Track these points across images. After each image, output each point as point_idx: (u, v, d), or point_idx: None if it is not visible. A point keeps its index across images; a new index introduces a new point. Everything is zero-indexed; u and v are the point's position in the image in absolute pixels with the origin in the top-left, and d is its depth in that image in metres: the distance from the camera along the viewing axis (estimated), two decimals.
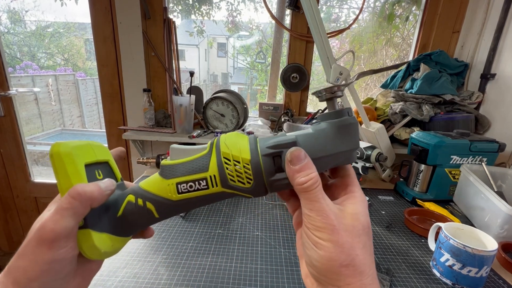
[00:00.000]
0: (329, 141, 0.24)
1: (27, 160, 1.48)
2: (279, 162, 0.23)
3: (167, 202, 0.25)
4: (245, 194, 0.24)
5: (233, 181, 0.23)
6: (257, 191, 0.24)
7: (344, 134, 0.24)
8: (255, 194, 0.24)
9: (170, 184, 0.24)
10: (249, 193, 0.24)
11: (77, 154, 0.24)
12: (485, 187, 0.75)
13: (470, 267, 0.55)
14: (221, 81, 6.00)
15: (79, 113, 4.37)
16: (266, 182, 0.23)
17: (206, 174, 0.24)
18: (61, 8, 1.96)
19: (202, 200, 0.25)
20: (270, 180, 0.23)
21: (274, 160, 0.23)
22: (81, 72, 4.67)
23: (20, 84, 3.23)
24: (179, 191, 0.24)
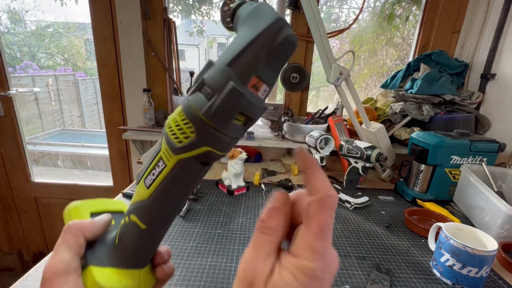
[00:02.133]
0: (241, 35, 0.18)
1: (27, 160, 1.48)
2: (204, 89, 0.19)
3: (142, 204, 0.22)
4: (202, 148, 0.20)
5: (180, 141, 0.20)
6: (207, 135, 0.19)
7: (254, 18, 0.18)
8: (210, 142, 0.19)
9: (141, 184, 0.23)
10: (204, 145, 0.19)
11: (83, 206, 0.25)
12: (485, 187, 0.75)
13: (470, 267, 0.55)
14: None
15: (79, 113, 4.37)
16: (204, 117, 0.18)
17: (160, 153, 0.21)
18: (61, 8, 1.96)
19: (172, 185, 0.21)
20: (205, 111, 0.18)
21: (202, 92, 0.19)
22: (81, 72, 4.67)
23: (20, 84, 3.23)
24: (146, 185, 0.22)
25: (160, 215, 0.23)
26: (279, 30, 0.17)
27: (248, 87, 0.18)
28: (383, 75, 1.67)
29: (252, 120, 0.20)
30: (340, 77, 0.97)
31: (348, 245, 0.69)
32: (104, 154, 1.48)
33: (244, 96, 0.18)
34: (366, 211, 0.87)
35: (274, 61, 0.18)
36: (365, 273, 0.59)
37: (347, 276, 0.58)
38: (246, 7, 0.20)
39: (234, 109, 0.18)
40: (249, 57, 0.18)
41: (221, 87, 0.18)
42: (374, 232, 0.76)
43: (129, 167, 1.44)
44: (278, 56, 0.18)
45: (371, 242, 0.71)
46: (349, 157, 0.89)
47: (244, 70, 0.18)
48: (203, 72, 0.19)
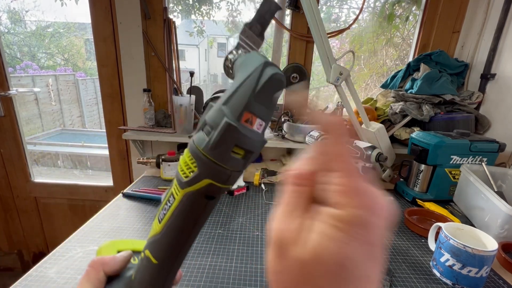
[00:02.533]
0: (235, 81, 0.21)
1: (27, 160, 1.48)
2: (207, 128, 0.21)
3: (155, 239, 0.23)
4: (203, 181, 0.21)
5: (186, 176, 0.21)
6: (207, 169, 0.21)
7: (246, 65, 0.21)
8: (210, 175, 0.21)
9: (155, 220, 0.24)
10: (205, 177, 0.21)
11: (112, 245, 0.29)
12: (485, 187, 0.75)
13: (470, 267, 0.55)
14: (221, 81, 6.00)
15: (79, 113, 4.37)
16: (203, 151, 0.20)
17: (171, 189, 0.23)
18: (61, 8, 1.96)
19: (180, 218, 0.23)
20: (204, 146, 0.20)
21: (203, 131, 0.21)
22: (81, 72, 4.67)
23: (20, 84, 3.23)
24: (159, 220, 0.24)
25: (170, 249, 0.24)
26: (264, 70, 0.20)
27: (242, 122, 0.20)
28: (383, 75, 1.67)
29: (250, 153, 0.21)
30: (340, 77, 0.97)
31: None
32: (104, 154, 1.48)
33: (238, 129, 0.19)
34: None
35: (263, 97, 0.20)
36: None
37: None
38: (241, 58, 0.23)
39: (229, 142, 0.20)
40: (240, 95, 0.20)
41: (217, 123, 0.20)
42: None
43: (129, 167, 1.44)
44: (266, 93, 0.20)
45: None
46: None
47: (237, 107, 0.20)
48: (204, 114, 0.22)
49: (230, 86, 0.21)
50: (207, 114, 0.21)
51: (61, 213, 1.56)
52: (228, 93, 0.20)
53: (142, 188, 0.92)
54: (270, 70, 0.19)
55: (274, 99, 0.21)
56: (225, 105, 0.20)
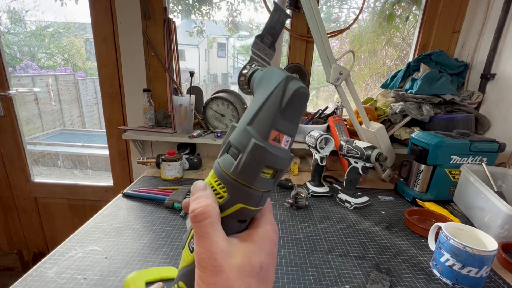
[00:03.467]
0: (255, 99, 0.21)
1: (27, 160, 1.48)
2: (231, 150, 0.21)
3: (188, 268, 0.23)
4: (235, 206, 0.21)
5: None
6: (239, 193, 0.20)
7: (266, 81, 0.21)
8: (242, 199, 0.21)
9: (186, 249, 0.23)
10: (237, 202, 0.21)
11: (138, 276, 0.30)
12: (485, 187, 0.75)
13: (470, 267, 0.55)
14: (221, 81, 6.00)
15: (79, 113, 4.37)
16: (233, 176, 0.20)
17: None
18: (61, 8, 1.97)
19: None
20: (233, 170, 0.20)
21: (229, 153, 0.21)
22: (81, 72, 4.67)
23: (20, 84, 3.23)
24: (190, 249, 0.23)
25: None
26: (287, 86, 0.19)
27: (270, 141, 0.19)
28: (383, 75, 1.67)
29: (280, 171, 0.21)
30: (340, 77, 0.97)
31: (348, 245, 0.69)
32: (104, 154, 1.48)
33: (267, 149, 0.19)
34: (366, 211, 0.87)
35: (289, 113, 0.19)
36: (365, 273, 0.59)
37: (347, 276, 0.58)
38: (258, 73, 0.22)
39: (259, 164, 0.19)
40: (265, 114, 0.19)
41: (245, 145, 0.19)
42: (374, 232, 0.76)
43: (129, 167, 1.44)
44: (292, 108, 0.19)
45: (371, 242, 0.71)
46: (349, 157, 0.89)
47: (263, 126, 0.19)
48: (228, 135, 0.21)
49: (252, 104, 0.21)
50: (232, 136, 0.21)
51: (61, 213, 1.56)
52: (252, 112, 0.20)
53: (142, 188, 0.92)
54: (293, 85, 0.19)
55: (300, 113, 0.20)
56: (250, 126, 0.20)
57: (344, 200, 0.89)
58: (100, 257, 0.61)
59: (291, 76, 0.19)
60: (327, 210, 0.86)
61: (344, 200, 0.89)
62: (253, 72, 0.24)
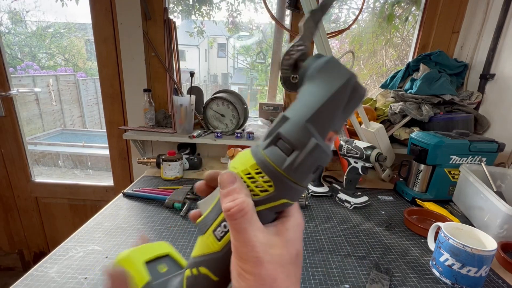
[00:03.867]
0: (315, 92, 0.19)
1: (28, 160, 1.49)
2: (282, 144, 0.19)
3: (214, 256, 0.22)
4: (279, 201, 0.20)
5: (257, 195, 0.20)
6: (286, 189, 0.20)
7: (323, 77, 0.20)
8: (288, 195, 0.20)
9: (209, 236, 0.22)
10: (282, 198, 0.20)
11: (132, 256, 0.25)
12: (484, 187, 0.76)
13: (470, 267, 0.55)
14: (221, 81, 6.01)
15: (79, 113, 4.37)
16: (285, 173, 0.19)
17: None
18: (61, 9, 1.97)
19: None
20: (286, 167, 0.19)
21: (278, 146, 0.20)
22: (82, 72, 4.68)
23: (21, 84, 3.24)
24: (217, 238, 0.22)
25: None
26: (355, 88, 0.18)
27: (326, 141, 0.19)
28: (382, 75, 1.67)
29: (322, 168, 0.21)
30: None
31: (348, 245, 0.69)
32: (105, 154, 1.49)
33: (323, 149, 0.18)
34: (365, 211, 0.87)
35: (348, 114, 0.19)
36: (364, 273, 0.60)
37: (346, 275, 0.59)
38: (315, 61, 0.20)
39: (315, 163, 0.19)
40: (328, 114, 0.18)
41: (303, 143, 0.18)
42: (374, 232, 0.76)
43: (130, 167, 1.44)
44: (351, 110, 0.19)
45: (370, 241, 0.71)
46: (348, 157, 0.89)
47: (324, 127, 0.18)
48: (277, 126, 0.20)
49: (308, 97, 0.19)
50: (284, 128, 0.19)
51: (62, 213, 1.56)
52: (312, 108, 0.19)
53: (142, 188, 0.92)
54: (362, 88, 0.18)
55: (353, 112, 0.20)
56: (310, 123, 0.18)
57: (343, 200, 0.89)
58: (101, 256, 0.61)
59: (355, 75, 0.18)
60: (327, 210, 0.87)
61: (344, 200, 0.89)
62: (302, 55, 0.22)
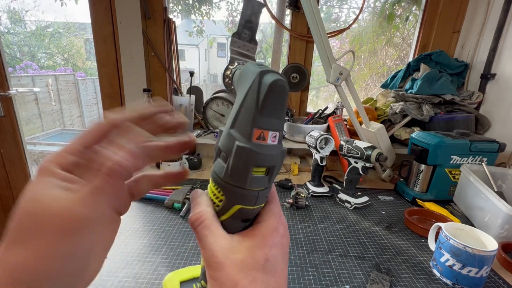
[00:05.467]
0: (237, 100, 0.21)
1: (27, 160, 1.48)
2: (223, 155, 0.21)
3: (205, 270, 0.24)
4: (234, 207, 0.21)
5: (217, 206, 0.22)
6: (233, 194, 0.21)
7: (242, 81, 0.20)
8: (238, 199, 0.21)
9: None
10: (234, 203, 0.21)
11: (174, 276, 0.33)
12: (485, 187, 0.75)
13: (470, 267, 0.55)
14: (221, 81, 6.00)
15: (79, 113, 4.37)
16: (224, 180, 0.21)
17: None
18: (61, 8, 1.97)
19: None
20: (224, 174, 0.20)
21: (221, 158, 0.21)
22: (81, 72, 4.67)
23: (20, 84, 3.23)
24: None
25: None
26: (262, 80, 0.18)
27: (254, 140, 0.19)
28: (383, 75, 1.67)
29: (272, 168, 0.21)
30: (340, 77, 0.97)
31: (348, 245, 0.69)
32: None
33: (251, 150, 0.19)
34: (366, 211, 0.87)
35: (269, 108, 0.19)
36: (365, 273, 0.59)
37: (347, 276, 0.58)
38: (237, 72, 0.22)
39: (247, 165, 0.19)
40: (245, 114, 0.19)
41: (230, 149, 0.19)
42: (374, 232, 0.76)
43: None
44: (271, 103, 0.18)
45: (371, 242, 0.71)
46: (349, 157, 0.89)
47: (245, 127, 0.19)
48: (217, 141, 0.22)
49: (234, 106, 0.21)
50: (220, 141, 0.21)
51: None
52: (233, 115, 0.20)
53: None
54: (268, 78, 0.18)
55: (281, 106, 0.19)
56: (232, 129, 0.20)
57: (344, 200, 0.89)
58: None
59: (265, 69, 0.18)
60: (327, 210, 0.86)
61: (344, 200, 0.89)
62: (235, 71, 0.24)
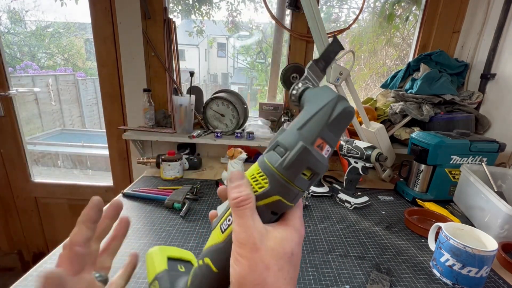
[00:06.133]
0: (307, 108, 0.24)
1: (27, 160, 1.48)
2: (278, 149, 0.23)
3: (217, 247, 0.25)
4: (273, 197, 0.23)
5: (255, 191, 0.24)
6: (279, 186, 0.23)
7: (318, 97, 0.24)
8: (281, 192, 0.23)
9: (217, 229, 0.26)
10: (275, 194, 0.23)
11: (161, 251, 0.31)
12: (485, 187, 0.75)
13: (470, 267, 0.55)
14: (221, 81, 5.99)
15: (79, 113, 4.37)
16: (276, 170, 0.23)
17: None
18: (61, 8, 1.96)
19: None
20: (278, 165, 0.23)
21: (275, 151, 0.23)
22: (81, 72, 4.67)
23: (20, 84, 3.23)
24: (222, 230, 0.25)
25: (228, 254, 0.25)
26: (337, 104, 0.22)
27: (314, 146, 0.22)
28: (383, 75, 1.67)
29: (316, 174, 0.23)
30: (340, 77, 0.97)
31: (348, 245, 0.69)
32: (104, 154, 1.48)
33: (311, 153, 0.22)
34: (366, 211, 0.87)
35: (335, 127, 0.23)
36: (365, 273, 0.59)
37: (347, 276, 0.58)
38: (311, 91, 0.26)
39: (303, 164, 0.22)
40: (315, 123, 0.22)
41: (292, 146, 0.22)
42: (374, 232, 0.76)
43: (129, 167, 1.44)
44: (338, 123, 0.22)
45: (371, 242, 0.71)
46: (349, 157, 0.89)
47: (312, 133, 0.22)
48: (276, 136, 0.24)
49: (302, 113, 0.24)
50: (281, 136, 0.24)
51: (61, 213, 1.56)
52: (303, 120, 0.23)
53: (142, 188, 0.92)
54: (342, 104, 0.22)
55: (343, 128, 0.23)
56: (300, 130, 0.23)
57: (344, 200, 0.89)
58: None
59: (341, 96, 0.23)
60: (327, 210, 0.86)
61: (344, 200, 0.89)
62: (305, 89, 0.27)
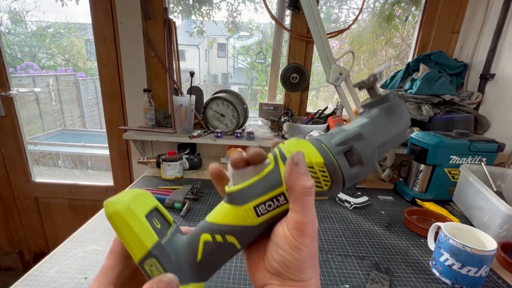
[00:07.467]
0: (388, 125, 0.25)
1: (28, 160, 1.49)
2: (351, 156, 0.23)
3: (248, 229, 0.23)
4: (322, 197, 0.24)
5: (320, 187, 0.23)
6: (334, 191, 0.24)
7: (397, 115, 0.25)
8: (331, 193, 0.24)
9: (248, 210, 0.23)
10: (326, 195, 0.24)
11: (135, 207, 0.22)
12: (484, 187, 0.76)
13: (470, 267, 0.55)
14: (221, 81, 6.00)
15: (79, 113, 4.37)
16: (344, 179, 0.23)
17: (282, 188, 0.23)
18: (61, 9, 1.97)
19: (284, 214, 0.23)
20: (348, 176, 0.23)
21: (346, 155, 0.23)
22: (82, 72, 4.68)
23: (21, 84, 3.23)
24: (258, 214, 0.23)
25: (257, 235, 0.25)
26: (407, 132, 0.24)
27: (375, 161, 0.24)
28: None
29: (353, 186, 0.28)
30: (340, 77, 0.98)
31: (348, 245, 0.69)
32: (105, 154, 1.49)
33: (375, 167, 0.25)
34: (365, 211, 0.87)
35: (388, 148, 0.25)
36: (364, 273, 0.60)
37: (346, 275, 0.59)
38: (392, 98, 0.26)
39: (365, 173, 0.24)
40: (389, 146, 0.25)
41: (368, 163, 0.23)
42: (374, 231, 0.76)
43: (130, 167, 1.44)
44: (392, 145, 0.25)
45: (370, 241, 0.71)
46: None
47: (382, 154, 0.24)
48: (352, 139, 0.23)
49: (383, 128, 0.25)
50: (359, 145, 0.23)
51: (62, 213, 1.56)
52: (383, 138, 0.24)
53: (142, 188, 0.92)
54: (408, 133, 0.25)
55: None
56: (379, 149, 0.24)
57: (343, 200, 0.89)
58: (101, 256, 0.61)
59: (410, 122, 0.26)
60: (327, 210, 0.87)
61: (344, 200, 0.89)
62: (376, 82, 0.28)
